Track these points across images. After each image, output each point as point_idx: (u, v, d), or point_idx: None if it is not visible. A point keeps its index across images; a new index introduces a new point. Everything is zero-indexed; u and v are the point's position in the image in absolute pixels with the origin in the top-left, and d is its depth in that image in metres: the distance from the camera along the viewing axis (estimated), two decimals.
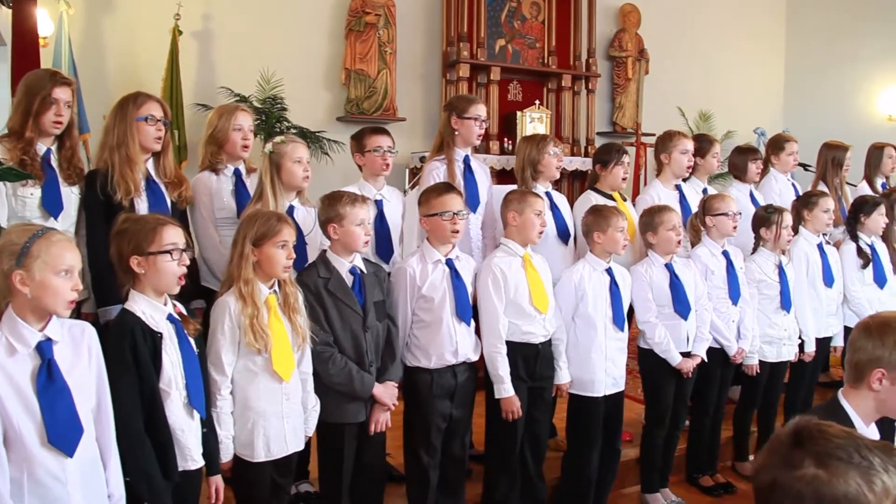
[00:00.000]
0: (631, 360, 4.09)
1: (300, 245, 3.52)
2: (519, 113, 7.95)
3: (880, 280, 4.76)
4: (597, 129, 8.66)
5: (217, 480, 2.78)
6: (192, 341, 2.69)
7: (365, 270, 3.31)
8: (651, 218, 4.00)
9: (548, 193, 4.12)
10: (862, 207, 4.82)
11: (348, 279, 3.25)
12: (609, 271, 3.78)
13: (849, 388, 2.36)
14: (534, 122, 7.93)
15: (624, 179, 4.35)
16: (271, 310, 2.94)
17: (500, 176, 7.08)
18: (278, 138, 3.61)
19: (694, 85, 9.61)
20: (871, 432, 2.38)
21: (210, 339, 2.87)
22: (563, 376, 3.72)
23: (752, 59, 10.45)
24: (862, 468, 1.39)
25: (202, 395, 2.67)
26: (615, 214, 3.75)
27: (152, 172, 3.48)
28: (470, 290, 3.53)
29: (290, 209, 3.60)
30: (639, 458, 4.25)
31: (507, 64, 8.18)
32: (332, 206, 3.23)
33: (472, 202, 4.06)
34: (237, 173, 3.81)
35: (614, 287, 3.76)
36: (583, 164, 7.79)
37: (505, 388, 3.52)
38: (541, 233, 3.65)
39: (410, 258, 3.51)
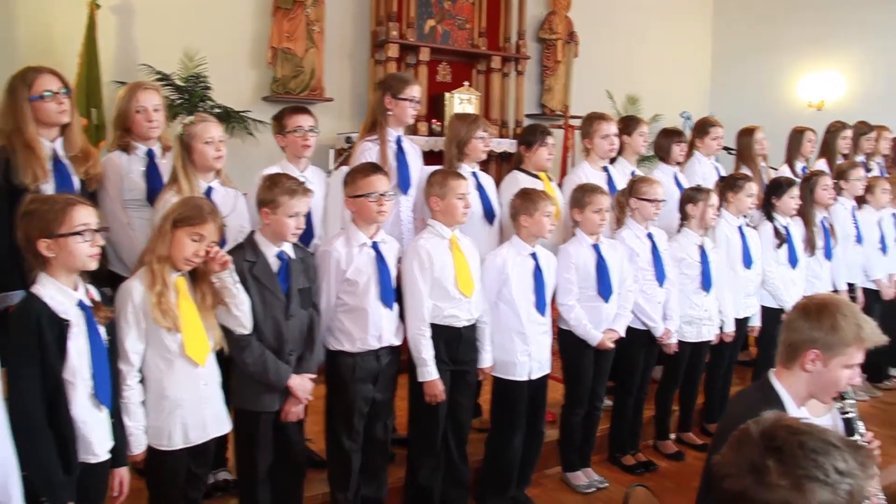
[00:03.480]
0: (553, 341, 4.11)
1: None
2: (448, 94, 7.92)
3: (793, 260, 4.89)
4: (526, 112, 8.68)
5: (122, 473, 2.70)
6: (103, 329, 2.58)
7: (293, 256, 3.24)
8: (582, 195, 4.00)
9: (474, 174, 4.11)
10: (775, 189, 4.94)
11: (275, 265, 3.18)
12: (534, 255, 3.77)
13: (781, 368, 2.40)
14: (463, 103, 7.91)
15: (548, 159, 4.35)
16: (180, 292, 2.84)
17: (427, 157, 6.97)
18: (187, 119, 3.50)
19: (622, 68, 9.70)
20: (802, 414, 2.42)
21: (115, 327, 2.76)
22: (486, 360, 3.71)
23: (680, 45, 10.60)
24: (834, 486, 1.39)
25: (109, 386, 2.57)
26: (543, 199, 3.74)
27: (59, 150, 3.32)
28: (394, 273, 3.49)
29: (209, 190, 3.49)
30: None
31: (436, 45, 8.11)
32: (271, 190, 3.16)
33: (404, 183, 4.02)
34: (150, 154, 3.68)
35: (538, 272, 3.76)
36: (511, 145, 7.81)
37: (428, 371, 3.50)
38: (465, 213, 3.61)
39: (335, 241, 3.44)
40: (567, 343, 4.07)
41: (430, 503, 3.69)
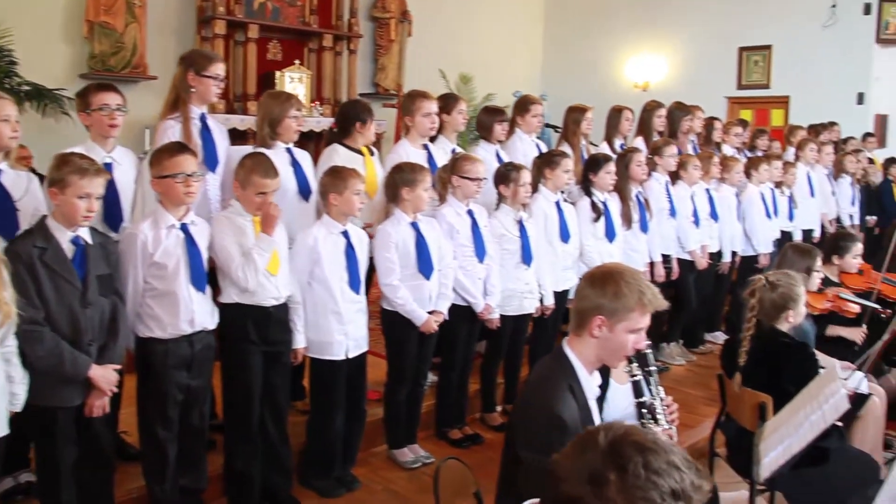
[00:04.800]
0: (376, 320, 4.12)
1: (9, 211, 3.25)
2: (278, 73, 7.78)
3: (610, 234, 5.08)
4: (359, 91, 8.67)
5: None
6: None
7: (90, 241, 3.06)
8: (411, 175, 3.98)
9: (289, 150, 4.07)
10: (592, 166, 5.11)
11: (69, 250, 3.00)
12: (345, 234, 3.75)
13: (573, 336, 2.48)
14: (294, 81, 7.80)
15: (375, 134, 4.36)
16: None
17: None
18: None
19: (456, 48, 9.81)
20: (594, 377, 2.51)
21: None
22: (299, 340, 3.67)
23: (514, 25, 10.83)
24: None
25: None
26: (353, 177, 3.72)
27: None
28: (205, 255, 3.39)
29: None
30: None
31: (265, 21, 7.96)
32: (59, 170, 2.97)
33: (210, 162, 3.91)
34: None
35: (350, 250, 3.74)
36: None
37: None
38: (260, 209, 3.49)
39: (142, 223, 3.31)
40: (390, 322, 4.07)
41: (250, 489, 3.62)
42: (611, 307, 2.35)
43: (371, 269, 4.09)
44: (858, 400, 3.95)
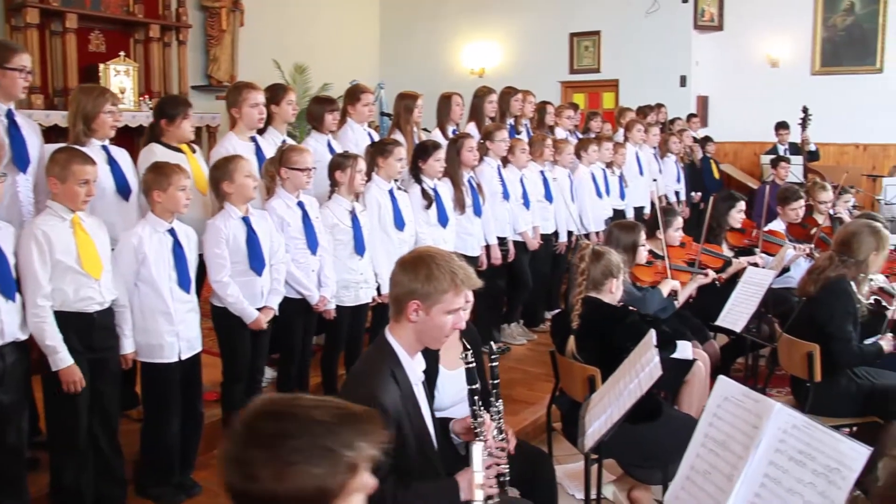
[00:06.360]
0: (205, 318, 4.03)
1: None
2: (102, 65, 7.41)
3: (443, 220, 5.14)
4: (191, 83, 8.41)
5: None
6: None
7: None
8: (226, 167, 3.90)
9: (105, 148, 3.90)
10: (421, 153, 5.15)
11: None
12: (172, 232, 3.63)
13: (393, 322, 2.52)
14: (119, 74, 7.47)
15: (192, 131, 4.27)
16: None
17: None
18: None
19: (291, 37, 9.66)
20: (418, 362, 2.55)
21: None
22: (127, 345, 3.54)
23: (349, 14, 10.79)
24: (321, 465, 1.36)
25: None
26: (177, 172, 3.61)
27: None
28: (11, 261, 3.19)
29: None
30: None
31: (85, 11, 7.56)
32: None
33: (20, 162, 3.67)
34: None
35: (178, 248, 3.63)
36: None
37: (60, 358, 3.25)
38: (86, 201, 3.38)
39: None
40: (222, 320, 3.98)
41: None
42: (424, 291, 2.40)
43: (203, 267, 3.98)
44: (684, 366, 4.20)
